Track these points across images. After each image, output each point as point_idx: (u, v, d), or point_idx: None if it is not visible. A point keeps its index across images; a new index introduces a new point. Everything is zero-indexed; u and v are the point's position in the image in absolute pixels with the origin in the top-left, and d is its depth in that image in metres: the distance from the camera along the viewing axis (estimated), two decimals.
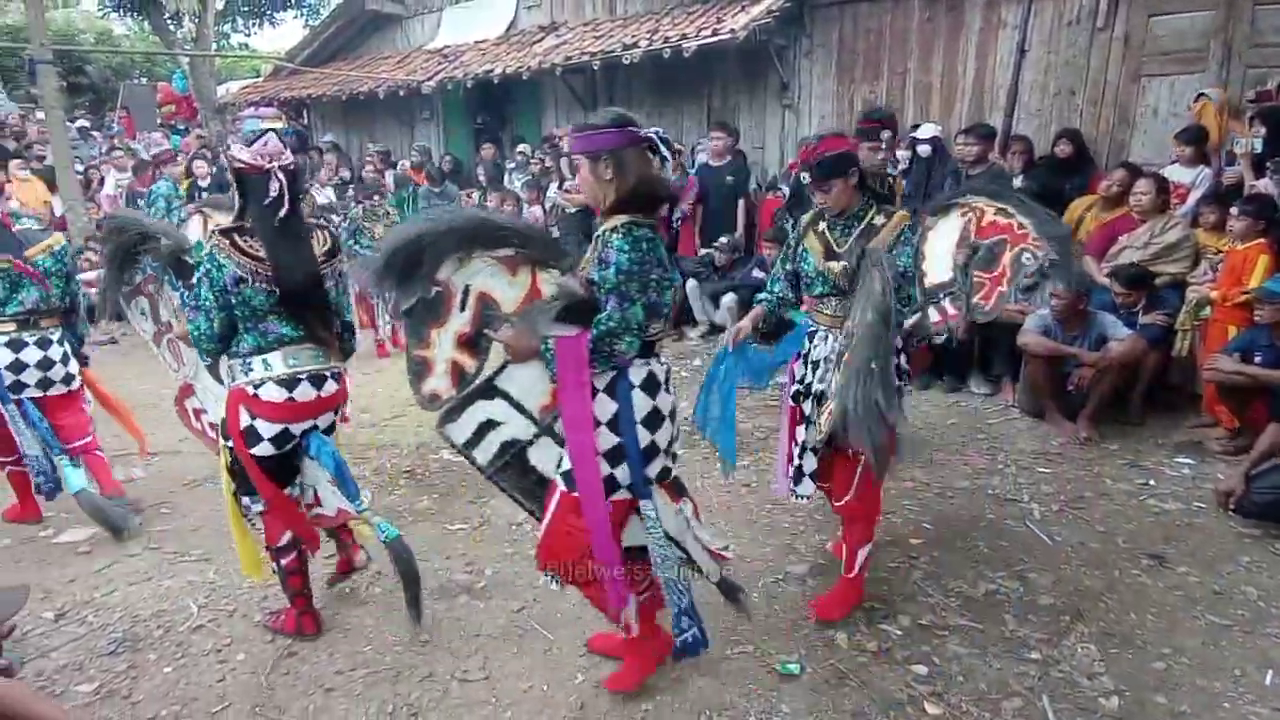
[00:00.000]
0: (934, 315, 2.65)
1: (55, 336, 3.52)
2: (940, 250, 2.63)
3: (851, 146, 2.79)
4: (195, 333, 2.52)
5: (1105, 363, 4.34)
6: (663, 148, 2.15)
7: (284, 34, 28.03)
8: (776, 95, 7.91)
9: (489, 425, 2.40)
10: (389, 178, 9.16)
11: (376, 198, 7.42)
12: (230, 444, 2.62)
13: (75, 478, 3.55)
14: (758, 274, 6.61)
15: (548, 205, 7.85)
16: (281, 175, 2.43)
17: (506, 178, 8.88)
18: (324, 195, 8.10)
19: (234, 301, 2.45)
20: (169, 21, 16.06)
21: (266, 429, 2.54)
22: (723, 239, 6.88)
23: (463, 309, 2.26)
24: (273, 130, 2.47)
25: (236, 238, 2.45)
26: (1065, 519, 3.58)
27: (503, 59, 9.17)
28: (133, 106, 14.64)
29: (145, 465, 4.35)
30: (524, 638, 2.79)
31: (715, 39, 7.12)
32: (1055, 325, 4.56)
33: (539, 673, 2.60)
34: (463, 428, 2.40)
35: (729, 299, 6.82)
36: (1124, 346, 4.34)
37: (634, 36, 7.98)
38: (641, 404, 2.19)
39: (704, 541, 2.41)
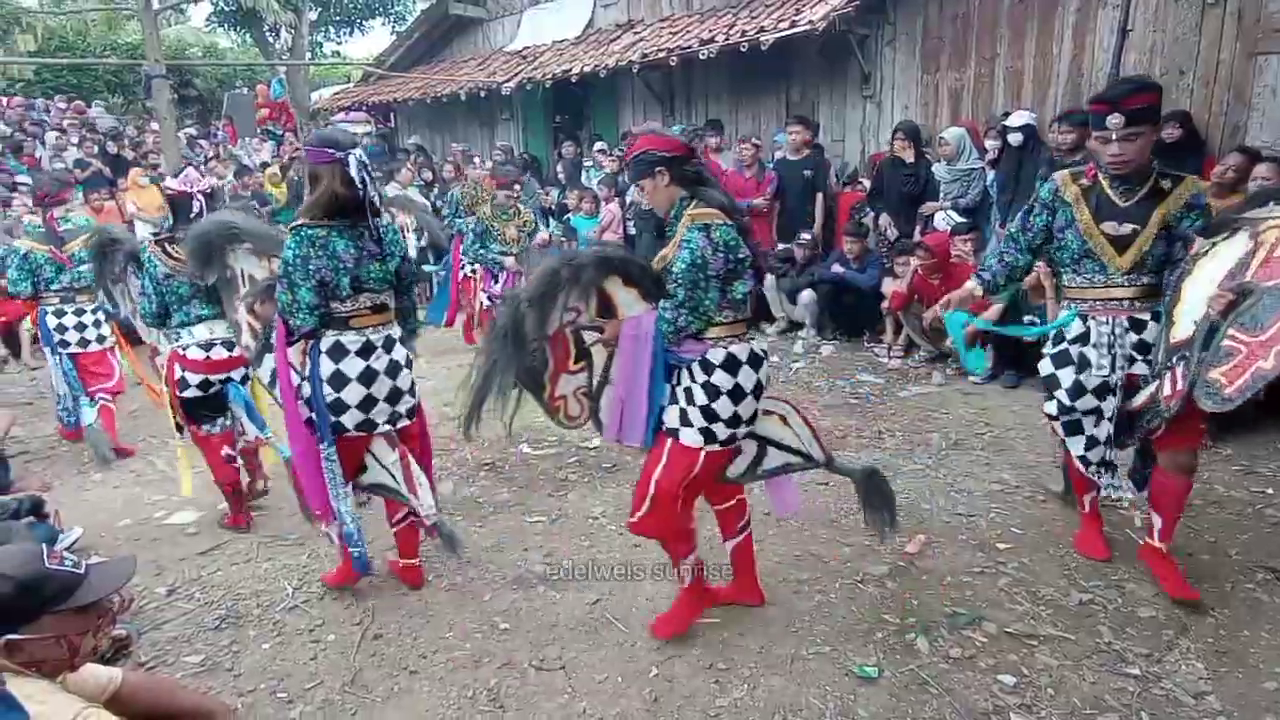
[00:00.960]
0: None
1: (90, 308, 4.68)
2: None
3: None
4: (142, 311, 3.57)
5: None
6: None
7: (373, 41, 29.12)
8: (857, 87, 7.72)
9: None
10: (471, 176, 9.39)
11: (515, 187, 6.72)
12: (168, 389, 3.63)
13: (87, 414, 4.62)
14: (837, 269, 6.48)
15: (627, 201, 7.89)
16: (201, 198, 3.41)
17: (584, 175, 8.99)
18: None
19: (164, 290, 3.43)
20: (268, 33, 16.93)
21: (192, 379, 3.52)
22: (803, 235, 6.77)
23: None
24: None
25: (166, 245, 3.44)
26: None
27: (580, 58, 9.27)
28: (235, 115, 15.50)
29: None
30: (599, 630, 2.82)
31: (794, 30, 7.00)
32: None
33: (614, 664, 2.62)
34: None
35: (807, 295, 6.72)
36: None
37: (711, 31, 7.94)
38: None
39: None
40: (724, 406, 2.43)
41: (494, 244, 6.56)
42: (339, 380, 2.71)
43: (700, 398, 2.43)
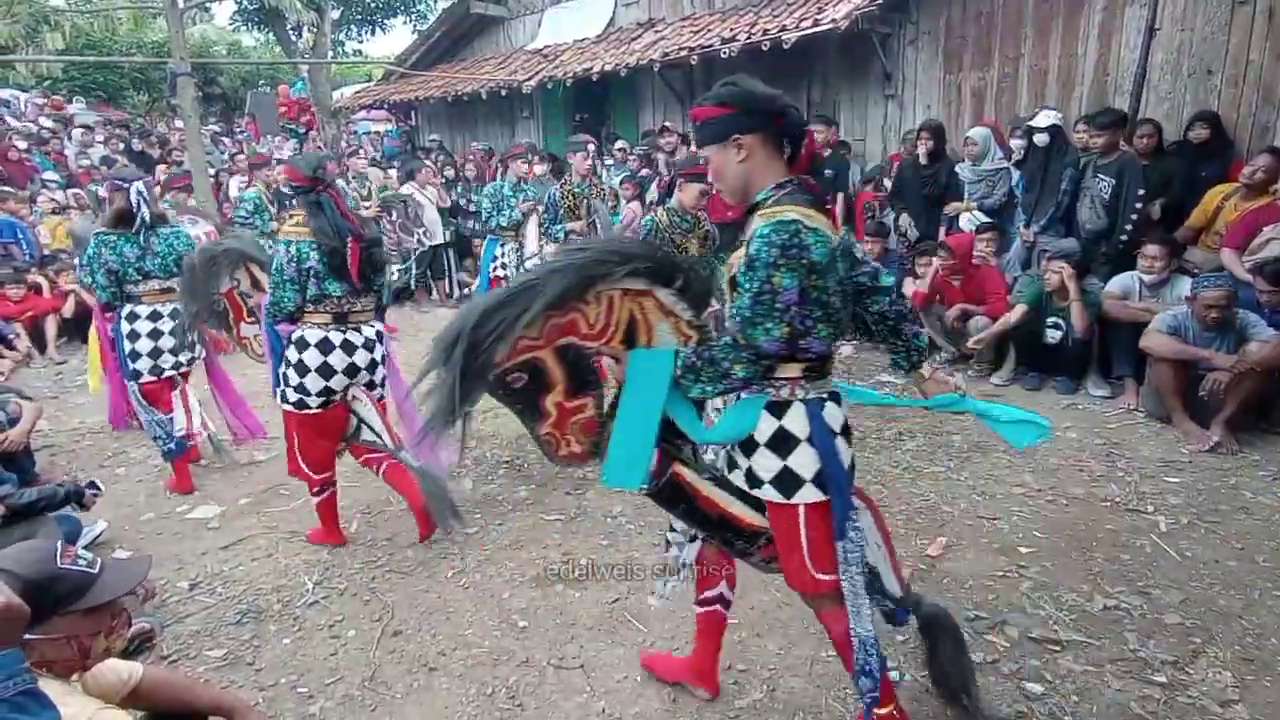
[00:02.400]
0: None
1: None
2: None
3: None
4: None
5: (1244, 366, 3.99)
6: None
7: (394, 39, 29.29)
8: (879, 86, 7.67)
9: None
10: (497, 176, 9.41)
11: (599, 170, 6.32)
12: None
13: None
14: None
15: (647, 200, 7.87)
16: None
17: (605, 174, 8.98)
18: (422, 196, 8.40)
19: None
20: (291, 32, 17.08)
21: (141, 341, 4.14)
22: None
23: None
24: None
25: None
26: (1196, 533, 3.32)
27: (601, 57, 9.27)
28: (258, 113, 15.68)
29: (267, 451, 4.65)
30: (618, 629, 2.82)
31: (816, 29, 6.97)
32: (1190, 325, 4.24)
33: (633, 664, 2.62)
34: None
35: None
36: (1267, 349, 3.98)
37: (732, 30, 7.91)
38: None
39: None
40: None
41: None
42: (134, 337, 4.01)
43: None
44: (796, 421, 1.89)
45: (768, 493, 1.93)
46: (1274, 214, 4.54)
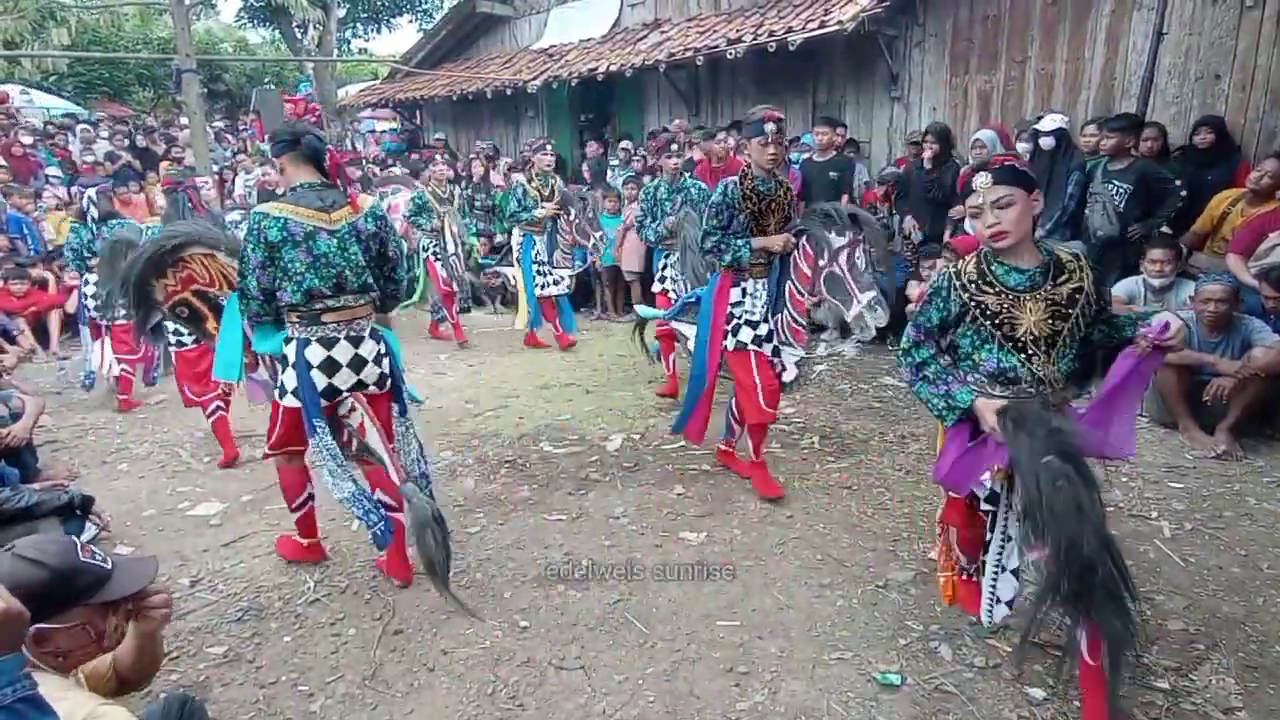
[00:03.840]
0: None
1: None
2: None
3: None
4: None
5: (1248, 372, 3.98)
6: None
7: (400, 38, 29.32)
8: (885, 88, 7.66)
9: None
10: (493, 176, 9.42)
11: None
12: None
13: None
14: None
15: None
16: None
17: (609, 174, 8.98)
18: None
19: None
20: (296, 30, 17.11)
21: None
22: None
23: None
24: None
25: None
26: (1200, 539, 3.31)
27: (607, 57, 9.27)
28: (263, 110, 15.66)
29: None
30: (619, 630, 2.81)
31: (822, 31, 6.96)
32: (1195, 330, 4.22)
33: (634, 665, 2.61)
34: None
35: None
36: (1272, 355, 3.96)
37: (739, 31, 7.91)
38: None
39: None
40: None
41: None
42: (84, 296, 5.67)
43: None
44: (290, 350, 2.91)
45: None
46: None
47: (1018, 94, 6.80)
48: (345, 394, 2.95)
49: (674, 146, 7.88)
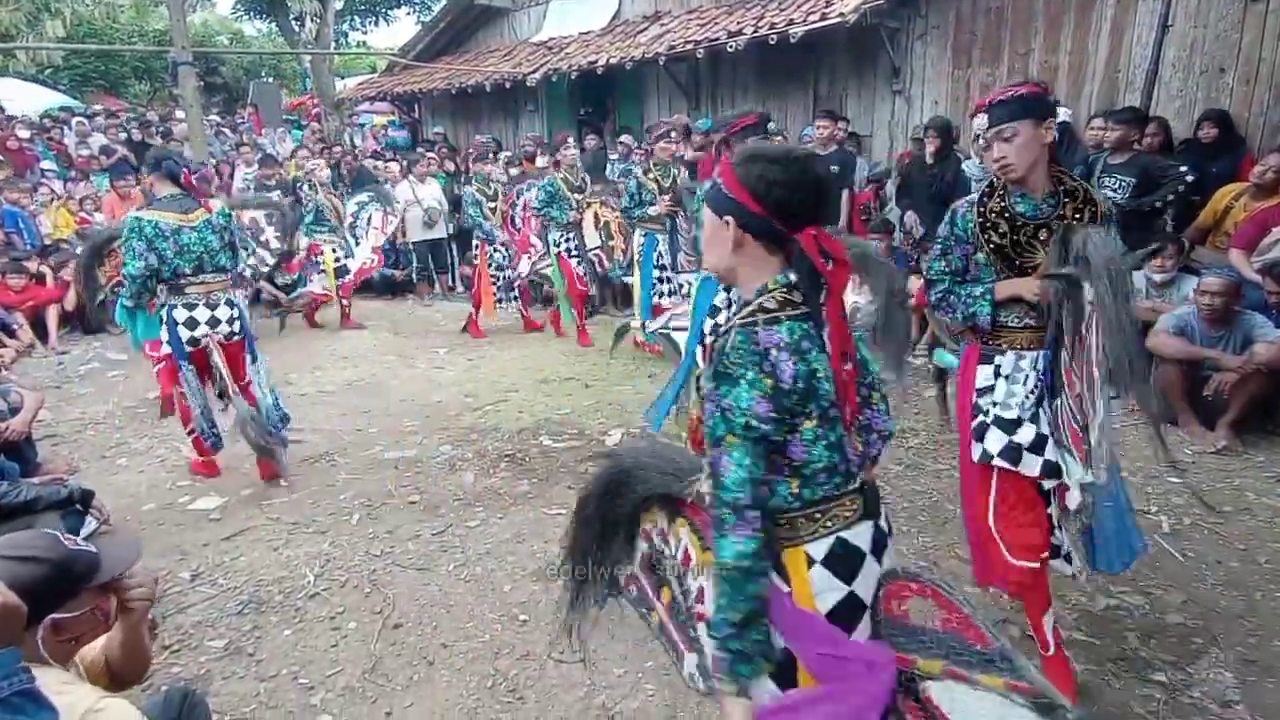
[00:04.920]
0: None
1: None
2: None
3: None
4: None
5: (1250, 367, 3.98)
6: None
7: (398, 30, 29.21)
8: (887, 81, 7.63)
9: None
10: (492, 170, 9.37)
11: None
12: None
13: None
14: None
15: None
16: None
17: (608, 168, 8.95)
18: (422, 190, 8.41)
19: None
20: (294, 22, 17.02)
21: None
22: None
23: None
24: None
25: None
26: (1199, 534, 3.31)
27: (606, 49, 9.24)
28: (261, 104, 15.60)
29: None
30: (619, 624, 2.80)
31: (824, 23, 6.94)
32: (1196, 325, 4.21)
33: (633, 659, 2.62)
34: None
35: None
36: (1275, 350, 3.96)
37: (739, 23, 7.88)
38: None
39: None
40: None
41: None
42: None
43: None
44: (162, 314, 3.93)
45: None
46: None
47: None
48: (204, 340, 3.93)
49: (673, 135, 7.80)
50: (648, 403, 5.11)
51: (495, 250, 6.98)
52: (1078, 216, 2.18)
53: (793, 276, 1.46)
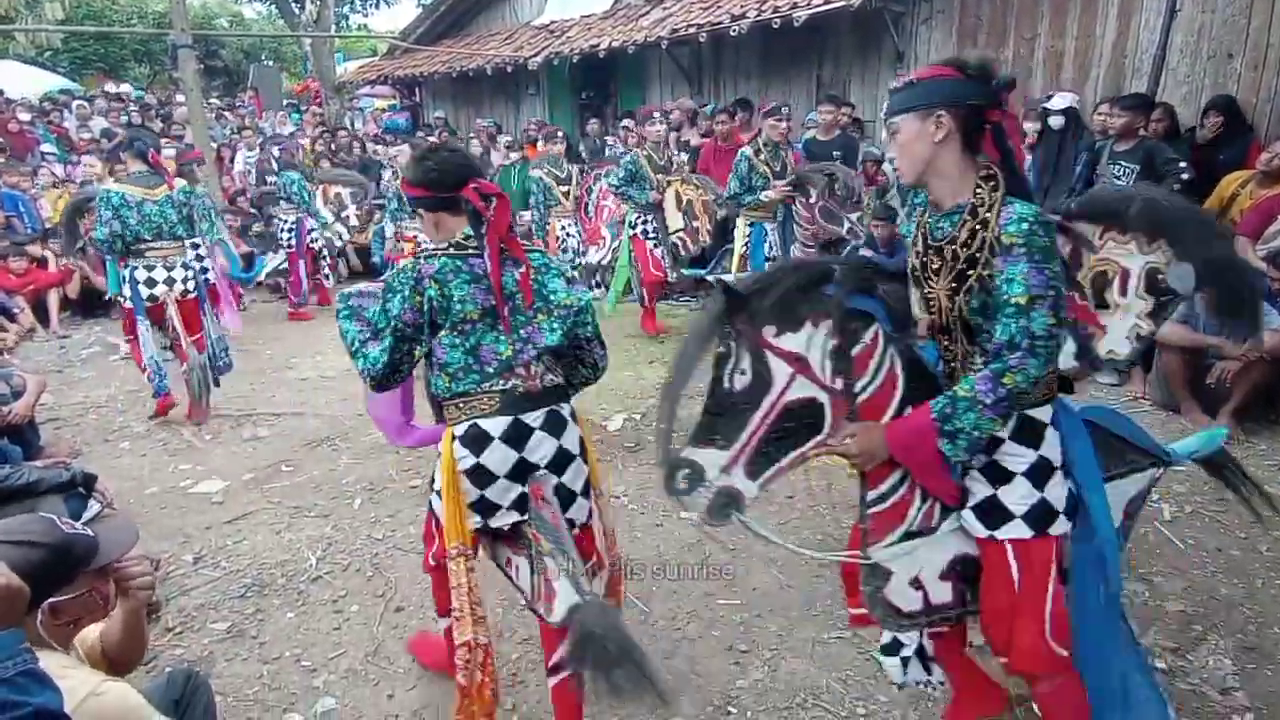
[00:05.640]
0: None
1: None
2: None
3: None
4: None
5: (1253, 355, 3.96)
6: None
7: (399, 13, 28.96)
8: (890, 65, 7.56)
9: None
10: (494, 155, 9.32)
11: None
12: None
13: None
14: (865, 253, 6.37)
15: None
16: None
17: (609, 153, 8.91)
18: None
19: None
20: (294, 5, 16.89)
21: None
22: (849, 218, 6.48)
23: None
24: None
25: None
26: (1200, 522, 3.31)
27: (609, 33, 9.16)
28: (261, 87, 15.52)
29: (270, 425, 4.66)
30: (621, 608, 2.82)
31: (828, 7, 6.87)
32: (1201, 313, 4.19)
33: None
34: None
35: None
36: (1277, 338, 3.94)
37: (743, 6, 7.81)
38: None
39: None
40: None
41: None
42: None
43: None
44: (125, 273, 4.56)
45: None
46: None
47: (1026, 72, 6.71)
48: (161, 297, 4.53)
49: (672, 117, 7.75)
50: (650, 388, 5.12)
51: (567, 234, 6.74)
52: (966, 245, 1.64)
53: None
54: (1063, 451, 1.75)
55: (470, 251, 1.97)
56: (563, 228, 6.78)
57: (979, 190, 1.65)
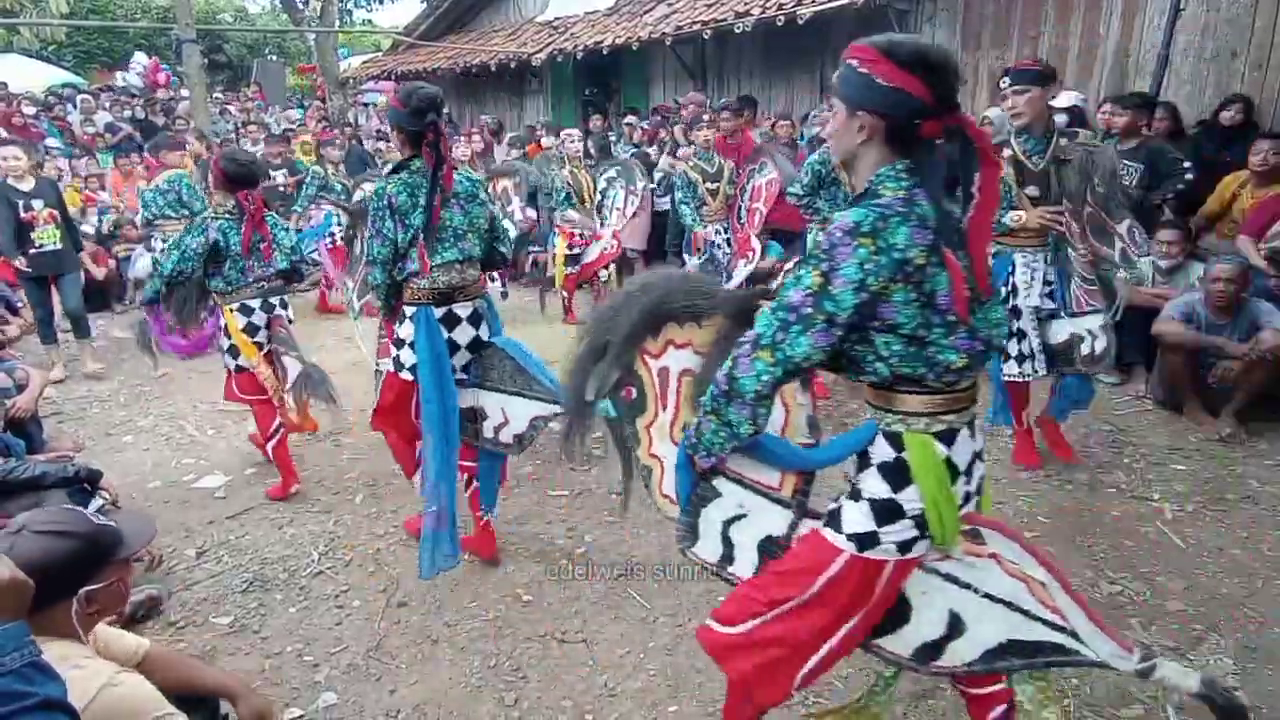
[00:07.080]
0: None
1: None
2: None
3: None
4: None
5: (1256, 354, 3.96)
6: None
7: (403, 9, 28.91)
8: None
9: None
10: (497, 151, 9.32)
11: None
12: None
13: None
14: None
15: (655, 176, 7.80)
16: None
17: (613, 150, 8.90)
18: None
19: None
20: (298, 0, 16.89)
21: None
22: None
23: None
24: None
25: None
26: (1201, 521, 3.31)
27: (612, 30, 9.15)
28: (265, 82, 15.54)
29: None
30: (622, 604, 2.83)
31: (832, 4, 6.86)
32: (1202, 312, 4.19)
33: (635, 639, 2.64)
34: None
35: None
36: (1279, 338, 3.94)
37: (747, 4, 7.79)
38: None
39: None
40: None
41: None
42: None
43: None
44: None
45: None
46: None
47: None
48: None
49: (684, 113, 7.68)
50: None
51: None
52: None
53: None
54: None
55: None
56: (716, 232, 5.67)
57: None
